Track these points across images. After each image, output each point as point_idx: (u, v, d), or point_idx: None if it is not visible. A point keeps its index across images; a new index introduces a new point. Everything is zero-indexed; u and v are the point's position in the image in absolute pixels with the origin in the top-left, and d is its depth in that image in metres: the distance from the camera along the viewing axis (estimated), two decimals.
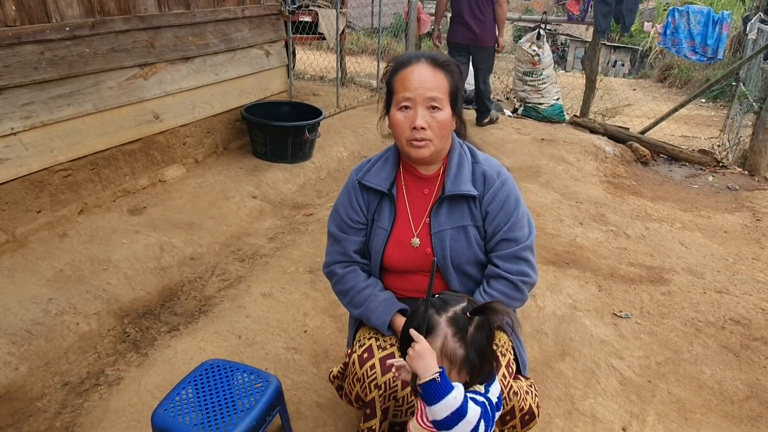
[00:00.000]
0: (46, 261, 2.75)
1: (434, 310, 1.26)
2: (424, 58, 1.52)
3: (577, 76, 10.68)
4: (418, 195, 1.65)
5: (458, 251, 1.60)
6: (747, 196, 4.54)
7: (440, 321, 1.24)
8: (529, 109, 6.27)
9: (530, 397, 1.64)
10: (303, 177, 4.24)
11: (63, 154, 3.09)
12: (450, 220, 1.60)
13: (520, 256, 1.59)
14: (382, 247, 1.64)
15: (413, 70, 1.50)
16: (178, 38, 3.69)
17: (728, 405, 2.24)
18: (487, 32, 5.27)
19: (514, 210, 1.59)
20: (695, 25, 5.51)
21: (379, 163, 1.67)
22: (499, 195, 1.58)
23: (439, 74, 1.51)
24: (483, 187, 1.59)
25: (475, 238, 1.61)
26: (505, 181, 1.61)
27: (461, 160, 1.61)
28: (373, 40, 11.88)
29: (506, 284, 1.59)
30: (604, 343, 2.51)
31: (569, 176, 4.44)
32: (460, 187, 1.57)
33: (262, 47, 4.51)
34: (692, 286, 3.03)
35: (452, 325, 1.23)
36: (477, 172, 1.61)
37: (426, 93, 1.48)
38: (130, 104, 3.43)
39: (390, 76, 1.56)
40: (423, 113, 1.49)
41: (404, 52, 1.80)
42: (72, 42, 3.01)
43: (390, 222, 1.63)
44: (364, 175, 1.65)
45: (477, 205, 1.59)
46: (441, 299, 1.30)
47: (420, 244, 1.62)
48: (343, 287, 1.67)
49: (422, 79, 1.48)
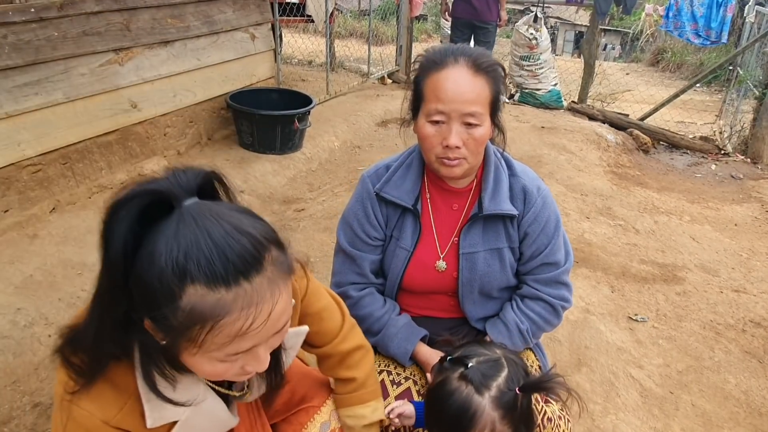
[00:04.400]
0: (14, 265, 2.52)
1: (473, 387, 1.04)
2: (463, 59, 1.23)
3: (566, 60, 10.51)
4: (446, 211, 1.42)
5: (491, 276, 1.40)
6: (753, 186, 4.41)
7: (484, 403, 1.02)
8: (526, 95, 6.07)
9: (563, 423, 1.48)
10: (293, 169, 4.01)
11: (31, 147, 2.83)
12: (484, 240, 1.38)
13: (560, 280, 1.42)
14: (402, 268, 1.42)
15: (449, 75, 1.22)
16: (155, 20, 3.42)
17: (757, 418, 2.09)
18: (489, 6, 5.32)
19: (554, 232, 1.39)
20: (698, 8, 5.33)
21: (401, 172, 1.40)
22: (541, 215, 1.37)
23: (480, 81, 1.23)
24: (523, 205, 1.37)
25: (509, 262, 1.41)
26: (545, 198, 1.39)
27: (498, 173, 1.37)
28: (362, 24, 11.58)
29: (545, 307, 1.42)
30: (622, 351, 2.35)
31: (572, 166, 4.27)
32: (500, 206, 1.34)
33: (247, 30, 4.24)
34: (708, 285, 2.88)
35: (499, 407, 1.02)
36: (516, 187, 1.37)
37: (463, 108, 1.21)
38: (104, 92, 3.16)
39: (420, 75, 1.29)
40: (458, 129, 1.23)
41: (438, 47, 1.45)
42: (38, 25, 2.74)
43: (413, 242, 1.40)
44: (383, 186, 1.39)
45: (514, 224, 1.38)
46: (479, 371, 1.06)
47: (446, 268, 1.41)
48: (359, 313, 1.44)
49: (459, 90, 1.21)
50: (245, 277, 0.74)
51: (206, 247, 0.72)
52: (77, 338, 0.83)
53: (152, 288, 0.72)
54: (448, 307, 1.51)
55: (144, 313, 0.75)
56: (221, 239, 0.73)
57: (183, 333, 0.73)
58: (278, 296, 0.78)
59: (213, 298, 0.72)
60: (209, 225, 0.73)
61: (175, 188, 0.76)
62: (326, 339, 1.19)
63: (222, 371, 0.81)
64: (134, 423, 0.87)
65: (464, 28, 5.51)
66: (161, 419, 0.89)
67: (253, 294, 0.74)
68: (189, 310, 0.72)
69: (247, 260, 0.74)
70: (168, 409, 0.89)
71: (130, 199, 0.74)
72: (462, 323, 1.53)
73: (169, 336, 0.75)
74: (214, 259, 0.72)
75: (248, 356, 0.81)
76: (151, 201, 0.74)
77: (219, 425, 1.02)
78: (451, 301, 1.49)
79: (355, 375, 1.21)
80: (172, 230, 0.73)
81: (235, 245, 0.73)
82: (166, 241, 0.72)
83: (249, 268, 0.74)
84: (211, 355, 0.77)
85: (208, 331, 0.73)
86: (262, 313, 0.76)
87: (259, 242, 0.76)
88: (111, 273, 0.75)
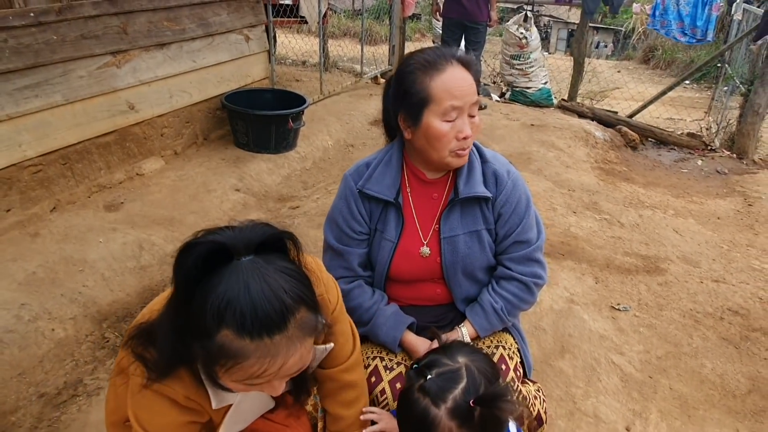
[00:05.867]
0: (17, 263, 2.59)
1: (430, 399, 1.10)
2: (455, 60, 1.38)
3: (559, 58, 10.61)
4: (426, 200, 1.52)
5: (472, 257, 1.50)
6: (737, 180, 4.52)
7: (440, 415, 1.09)
8: (516, 94, 6.17)
9: (538, 402, 1.58)
10: (288, 168, 4.09)
11: (32, 148, 2.91)
12: (463, 224, 1.49)
13: (532, 257, 1.52)
14: (389, 259, 1.52)
15: (452, 74, 1.35)
16: (152, 23, 3.50)
17: (731, 400, 2.19)
18: (479, 7, 5.40)
19: (525, 211, 1.50)
20: (684, 6, 5.43)
21: (381, 168, 1.51)
22: (512, 196, 1.48)
23: (469, 75, 1.38)
24: (495, 188, 1.48)
25: (488, 243, 1.51)
26: (516, 180, 1.50)
27: (471, 160, 1.49)
28: (355, 23, 11.64)
29: (518, 285, 1.52)
30: (604, 338, 2.45)
31: (560, 163, 4.37)
32: (474, 189, 1.45)
33: (241, 32, 4.32)
34: (688, 276, 2.98)
35: (454, 417, 1.09)
36: (487, 172, 1.49)
37: (471, 99, 1.36)
38: (102, 94, 3.24)
39: (417, 79, 1.36)
40: (467, 120, 1.38)
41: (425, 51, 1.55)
42: (37, 29, 2.81)
43: (397, 233, 1.51)
44: (365, 183, 1.50)
45: (489, 207, 1.49)
46: (436, 383, 1.12)
47: (430, 254, 1.51)
48: (348, 305, 1.53)
49: (463, 85, 1.35)
50: (268, 334, 0.89)
51: (244, 303, 0.88)
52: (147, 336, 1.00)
53: (198, 320, 0.90)
54: (434, 295, 1.60)
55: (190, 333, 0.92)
56: (258, 298, 0.88)
57: (212, 361, 0.91)
58: (294, 352, 0.93)
59: (238, 345, 0.89)
60: (252, 284, 0.88)
61: (238, 245, 0.92)
62: (334, 362, 1.30)
63: (243, 389, 0.99)
64: (204, 402, 1.08)
65: (455, 28, 5.59)
66: (222, 402, 1.10)
67: (271, 348, 0.90)
68: (218, 348, 0.89)
69: (273, 321, 0.89)
70: (226, 395, 1.09)
71: (200, 243, 0.91)
72: (448, 310, 1.62)
73: (202, 358, 0.93)
74: (247, 314, 0.87)
75: (264, 385, 0.97)
76: (216, 249, 0.90)
77: (261, 407, 1.23)
78: (436, 288, 1.59)
79: (344, 414, 1.34)
80: (225, 280, 0.89)
81: (266, 306, 0.89)
82: (218, 287, 0.88)
83: (273, 328, 0.89)
84: (233, 379, 0.94)
85: (229, 367, 0.91)
86: (275, 365, 0.92)
87: (288, 306, 0.91)
88: (178, 292, 0.94)
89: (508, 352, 1.57)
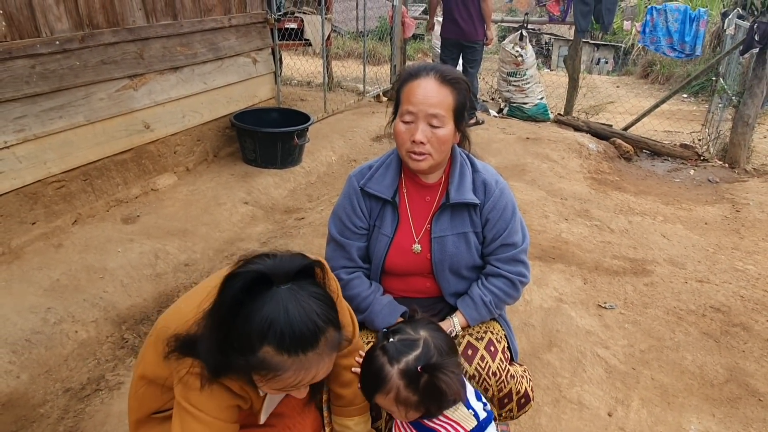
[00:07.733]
0: (43, 271, 2.79)
1: (387, 358, 1.28)
2: (433, 72, 1.54)
3: (561, 75, 10.81)
4: (420, 202, 1.71)
5: (459, 257, 1.68)
6: (727, 188, 4.67)
7: (392, 372, 1.27)
8: (513, 109, 6.38)
9: (525, 381, 1.73)
10: (293, 182, 4.30)
11: (56, 165, 3.13)
12: (452, 226, 1.67)
13: (517, 258, 1.69)
14: (384, 252, 1.70)
15: (420, 84, 1.52)
16: (166, 49, 3.75)
17: (709, 388, 2.33)
18: (475, 27, 5.57)
19: (511, 217, 1.68)
20: (673, 23, 5.64)
21: (381, 170, 1.70)
22: (499, 203, 1.66)
23: (444, 90, 1.52)
24: (484, 196, 1.66)
25: (474, 244, 1.69)
26: (503, 189, 1.68)
27: (463, 169, 1.67)
28: (359, 44, 11.97)
29: (505, 282, 1.69)
30: (590, 334, 2.60)
31: (554, 173, 4.54)
32: (464, 196, 1.63)
33: (249, 55, 4.57)
34: (674, 277, 3.13)
35: (403, 377, 1.26)
36: (477, 181, 1.67)
37: (428, 109, 1.51)
38: (120, 115, 3.48)
39: (399, 86, 1.59)
40: (423, 128, 1.52)
41: (416, 63, 1.82)
42: (62, 55, 3.05)
43: (392, 229, 1.69)
44: (366, 182, 1.69)
45: (477, 212, 1.67)
46: (395, 346, 1.29)
47: (421, 250, 1.69)
48: (348, 293, 1.72)
49: (427, 95, 1.51)
50: (303, 351, 1.07)
51: (284, 324, 1.04)
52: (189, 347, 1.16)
53: (242, 337, 1.06)
54: (424, 288, 1.78)
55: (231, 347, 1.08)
56: (295, 321, 1.05)
57: (252, 371, 1.09)
58: (323, 365, 1.12)
59: (278, 359, 1.06)
60: (291, 308, 1.05)
61: (278, 273, 1.08)
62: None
63: (276, 393, 1.20)
64: (252, 392, 1.26)
65: (453, 48, 5.77)
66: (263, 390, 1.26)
67: (305, 363, 1.08)
68: (260, 361, 1.06)
69: (307, 340, 1.07)
70: None
71: (244, 272, 1.07)
72: (437, 302, 1.80)
73: (244, 368, 1.10)
74: (286, 334, 1.04)
75: (293, 390, 1.17)
76: (260, 278, 1.07)
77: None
78: (426, 282, 1.77)
79: (344, 393, 1.52)
80: (267, 304, 1.05)
81: (302, 327, 1.06)
82: (261, 310, 1.05)
83: (307, 346, 1.07)
84: (270, 387, 1.12)
85: (270, 378, 1.09)
86: (308, 376, 1.11)
87: (320, 328, 1.08)
88: (222, 311, 1.09)
89: (497, 336, 1.73)
